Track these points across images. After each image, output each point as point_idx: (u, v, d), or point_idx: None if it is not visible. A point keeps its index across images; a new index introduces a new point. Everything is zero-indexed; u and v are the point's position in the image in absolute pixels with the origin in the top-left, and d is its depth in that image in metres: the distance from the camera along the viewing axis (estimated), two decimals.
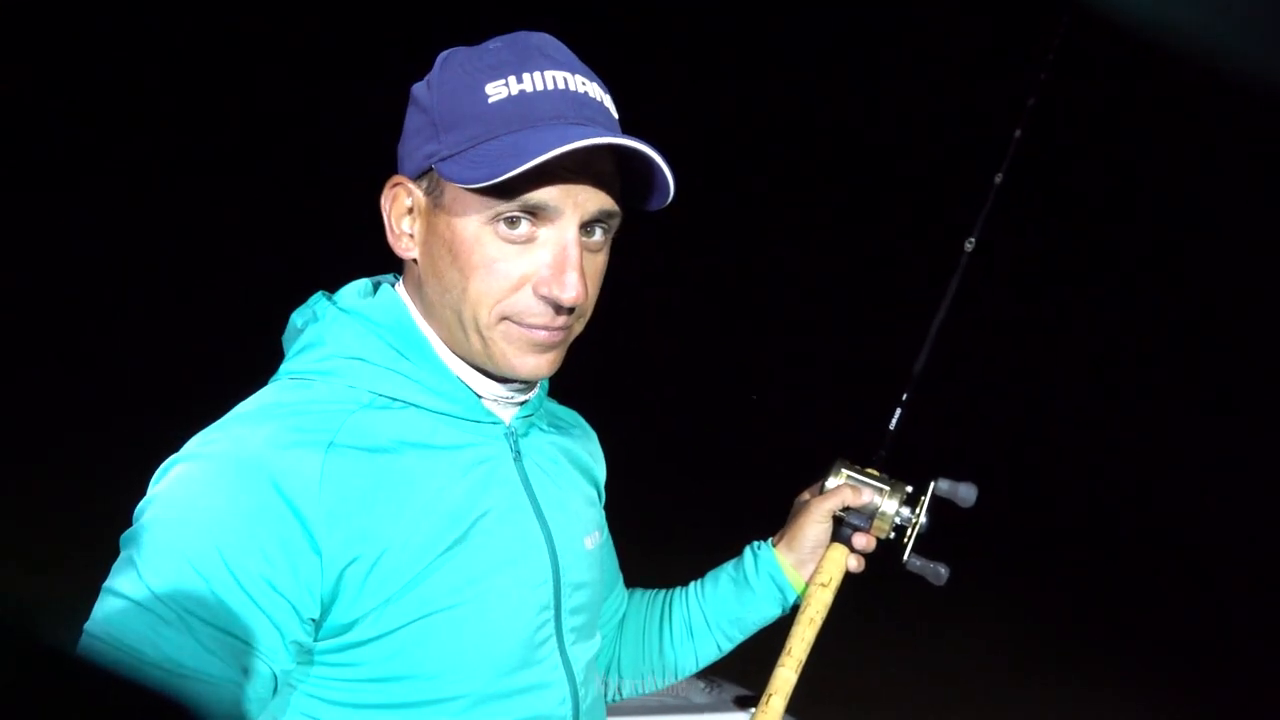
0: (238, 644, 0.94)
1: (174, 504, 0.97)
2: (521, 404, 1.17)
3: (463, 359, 1.12)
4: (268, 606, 0.95)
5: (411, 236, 1.09)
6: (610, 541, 1.41)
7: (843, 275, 10.85)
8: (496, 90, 1.01)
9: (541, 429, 1.23)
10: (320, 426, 1.02)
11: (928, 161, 10.41)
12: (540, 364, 1.09)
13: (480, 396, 1.13)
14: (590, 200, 1.04)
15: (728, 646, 1.44)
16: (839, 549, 1.38)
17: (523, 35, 1.08)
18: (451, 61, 1.07)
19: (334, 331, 1.10)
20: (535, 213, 1.03)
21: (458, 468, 1.08)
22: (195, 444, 1.02)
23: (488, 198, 1.01)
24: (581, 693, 1.18)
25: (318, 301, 1.15)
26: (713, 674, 2.58)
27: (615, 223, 1.09)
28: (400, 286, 1.15)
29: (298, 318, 1.15)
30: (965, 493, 1.39)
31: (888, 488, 1.39)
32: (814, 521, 1.38)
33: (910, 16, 9.98)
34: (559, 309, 1.05)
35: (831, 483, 1.41)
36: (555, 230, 1.04)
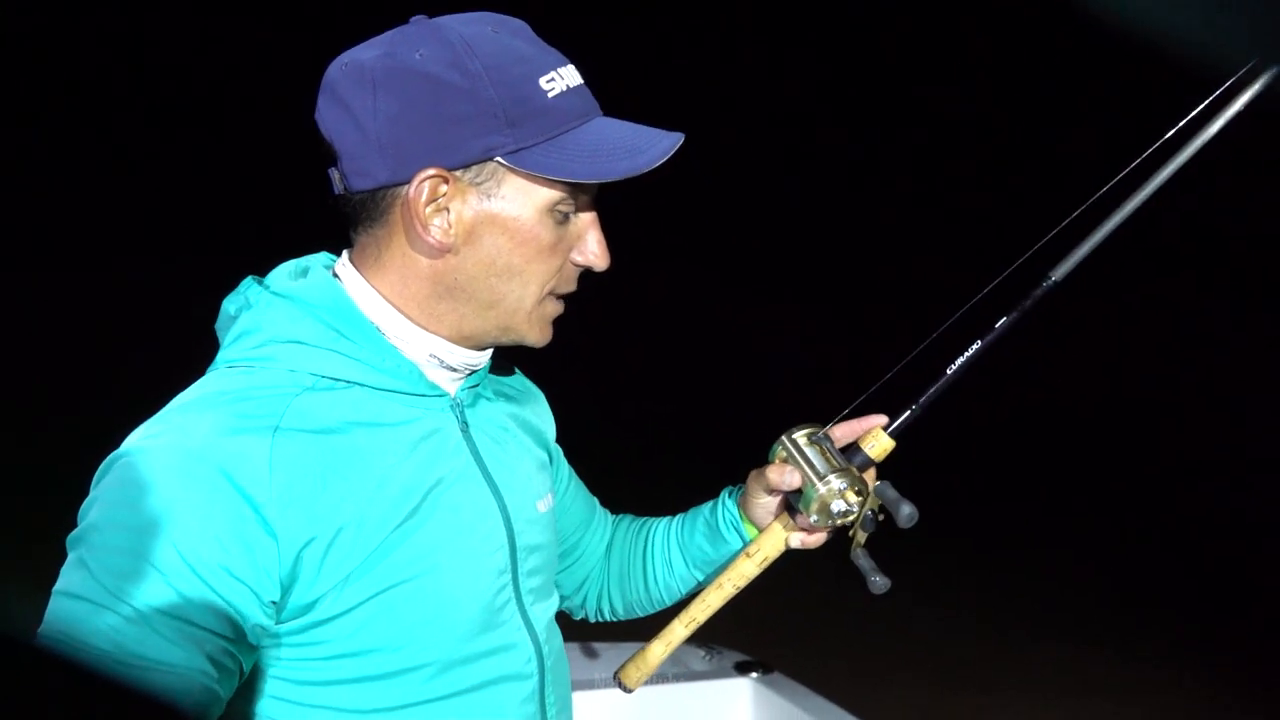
0: (200, 633, 0.95)
1: (123, 500, 0.97)
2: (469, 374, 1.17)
3: (469, 336, 1.12)
4: (227, 593, 0.96)
5: (445, 228, 1.06)
6: (576, 480, 1.42)
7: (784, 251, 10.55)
8: (550, 85, 1.05)
9: (488, 398, 1.23)
10: (264, 412, 1.02)
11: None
12: (550, 332, 1.16)
13: (441, 362, 1.12)
14: None
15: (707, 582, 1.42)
16: (778, 526, 1.29)
17: (500, 18, 1.09)
18: (470, 47, 1.03)
19: (269, 316, 1.09)
20: (577, 196, 1.10)
21: (406, 443, 1.09)
22: (138, 437, 1.02)
23: (553, 189, 1.06)
24: (545, 649, 1.20)
25: (249, 287, 1.13)
26: (713, 641, 2.58)
27: None
28: (347, 266, 1.13)
29: (229, 304, 1.13)
30: (907, 511, 1.23)
31: (830, 473, 1.22)
32: (753, 500, 1.33)
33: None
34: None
35: (771, 458, 1.30)
36: (586, 208, 1.12)
